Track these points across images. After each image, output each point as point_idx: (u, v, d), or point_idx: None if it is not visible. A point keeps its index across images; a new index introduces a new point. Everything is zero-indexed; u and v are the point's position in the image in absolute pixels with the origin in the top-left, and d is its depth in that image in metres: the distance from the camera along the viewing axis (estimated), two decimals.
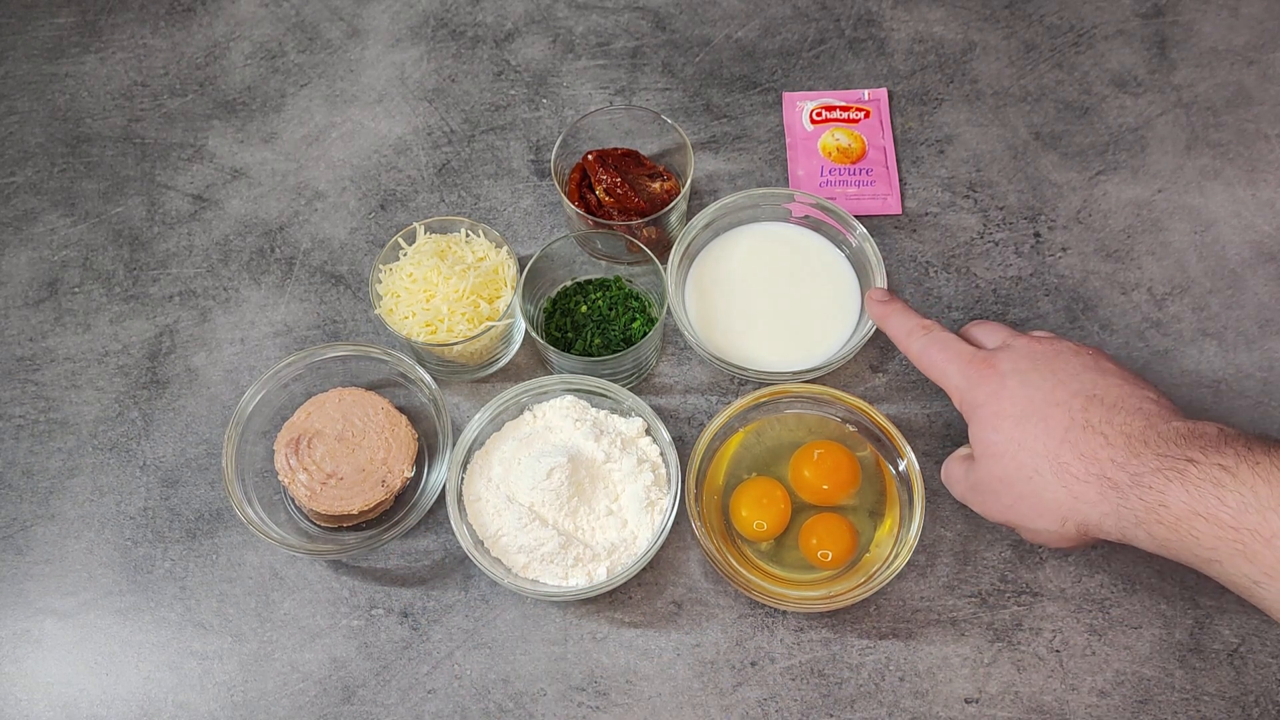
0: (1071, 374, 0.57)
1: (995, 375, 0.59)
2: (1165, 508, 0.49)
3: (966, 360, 0.61)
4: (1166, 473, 0.50)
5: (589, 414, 0.72)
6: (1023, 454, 0.56)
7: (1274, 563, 0.45)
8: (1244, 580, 0.47)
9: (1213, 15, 0.90)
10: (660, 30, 0.92)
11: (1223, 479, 0.47)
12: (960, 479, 0.63)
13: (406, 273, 0.74)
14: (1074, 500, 0.54)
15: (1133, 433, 0.53)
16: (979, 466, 0.60)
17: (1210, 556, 0.49)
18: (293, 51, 0.93)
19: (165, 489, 0.75)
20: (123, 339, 0.81)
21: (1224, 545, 0.47)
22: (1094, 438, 0.54)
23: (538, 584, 0.68)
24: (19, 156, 0.89)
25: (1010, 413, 0.57)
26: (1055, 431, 0.55)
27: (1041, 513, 0.56)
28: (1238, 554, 0.47)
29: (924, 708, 0.66)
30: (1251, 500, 0.46)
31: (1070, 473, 0.54)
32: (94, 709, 0.69)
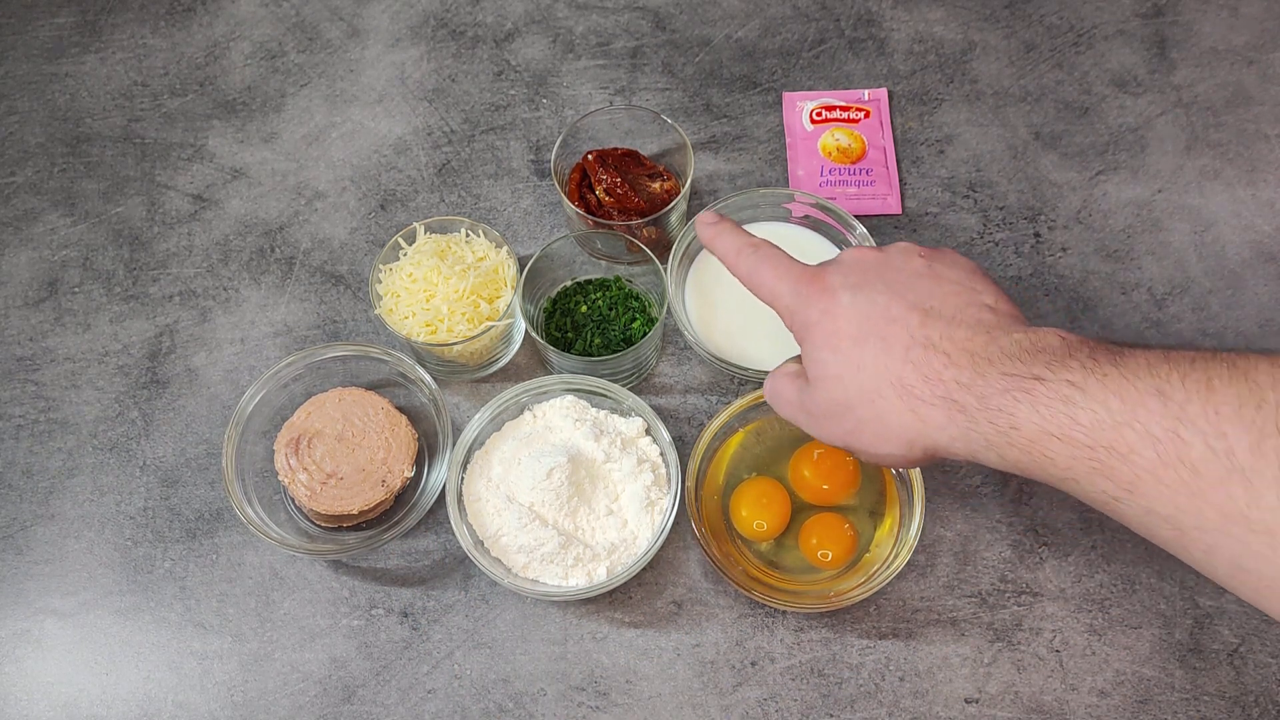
0: (906, 285, 0.54)
1: (827, 291, 0.55)
2: (1016, 430, 0.47)
3: (796, 277, 0.57)
4: (1015, 393, 0.47)
5: (589, 414, 0.72)
6: (862, 376, 0.52)
7: (1132, 478, 0.44)
8: (1103, 497, 0.46)
9: (1213, 15, 0.90)
10: (660, 30, 0.92)
11: (1073, 396, 0.45)
12: (792, 400, 0.58)
13: (406, 273, 0.74)
14: (920, 424, 0.51)
15: (975, 350, 0.50)
16: (815, 390, 0.55)
17: (1066, 475, 0.47)
18: (293, 51, 0.93)
19: (165, 489, 0.75)
20: (123, 339, 0.81)
21: (1079, 464, 0.46)
22: (936, 357, 0.50)
23: (538, 584, 0.68)
24: (19, 156, 0.89)
25: (846, 332, 0.53)
26: (895, 351, 0.52)
27: (886, 437, 0.53)
28: (1094, 472, 0.45)
29: (924, 708, 0.66)
30: (1104, 416, 0.44)
31: (915, 395, 0.51)
32: (94, 709, 0.69)
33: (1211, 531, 0.42)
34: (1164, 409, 0.42)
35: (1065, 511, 0.71)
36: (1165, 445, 0.42)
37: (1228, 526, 0.41)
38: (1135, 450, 0.43)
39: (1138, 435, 0.43)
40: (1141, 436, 0.43)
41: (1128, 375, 0.44)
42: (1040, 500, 0.72)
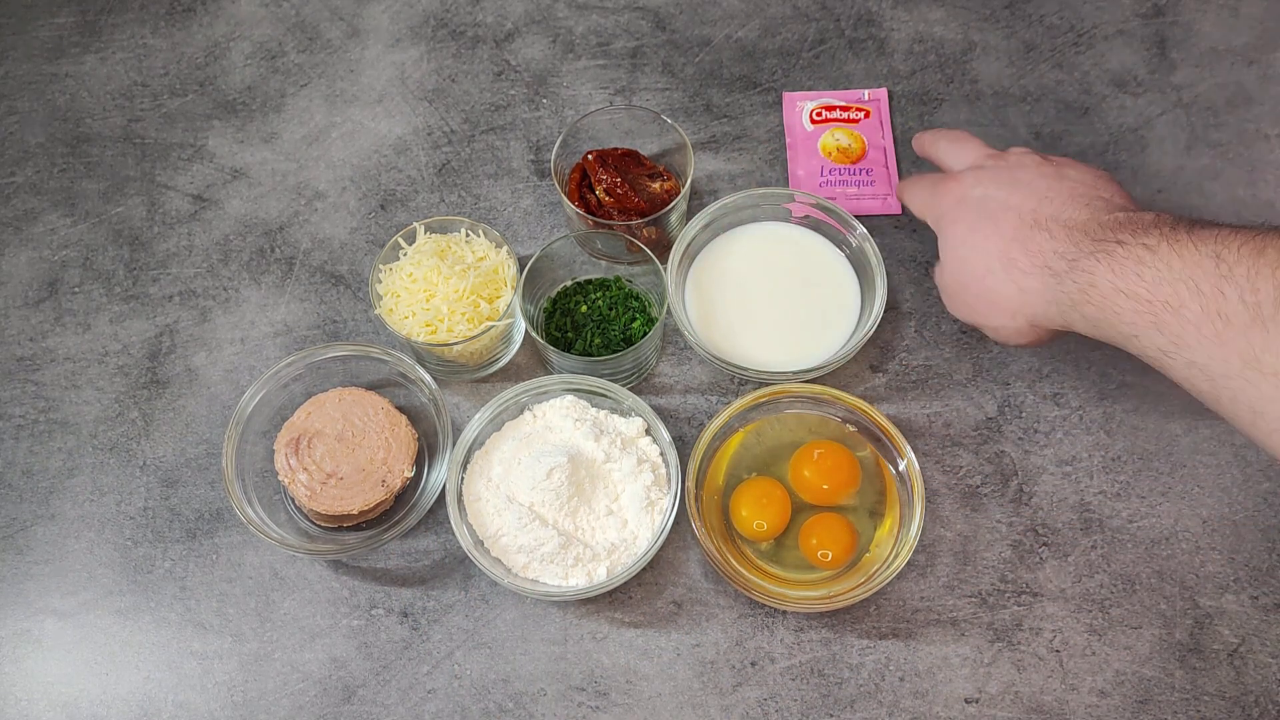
0: (1029, 181, 0.61)
1: (959, 188, 0.64)
2: (1094, 287, 0.53)
3: (936, 180, 0.66)
4: (1097, 255, 0.53)
5: (589, 414, 0.72)
6: (975, 255, 0.60)
7: (1179, 331, 0.49)
8: (1156, 352, 0.51)
9: (1213, 15, 0.90)
10: (660, 30, 0.92)
11: (1144, 256, 0.51)
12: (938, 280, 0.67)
13: (406, 273, 0.74)
14: (1021, 294, 0.58)
15: (1075, 224, 0.56)
16: (945, 269, 0.64)
17: (1130, 332, 0.52)
18: (293, 51, 0.93)
19: (165, 489, 0.75)
20: (123, 339, 0.81)
21: (1140, 319, 0.51)
22: (1040, 234, 0.57)
23: (538, 584, 0.68)
24: (19, 156, 0.89)
25: (967, 219, 0.62)
26: (1006, 231, 0.59)
27: (997, 309, 0.60)
28: (1151, 326, 0.50)
29: (924, 708, 0.66)
30: (1165, 274, 0.49)
31: (1018, 267, 0.58)
32: (94, 709, 0.69)
33: (1235, 378, 0.46)
34: (1216, 269, 0.47)
35: (1065, 511, 0.71)
36: (1209, 299, 0.47)
37: (1245, 371, 0.46)
38: (1185, 304, 0.48)
39: (1189, 291, 0.48)
40: (1192, 292, 0.48)
41: (1195, 240, 0.49)
42: (1040, 500, 0.72)
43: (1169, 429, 0.73)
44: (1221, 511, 0.71)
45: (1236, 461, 0.72)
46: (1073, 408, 0.74)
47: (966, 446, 0.74)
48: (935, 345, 0.77)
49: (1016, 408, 0.75)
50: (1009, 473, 0.73)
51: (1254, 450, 0.73)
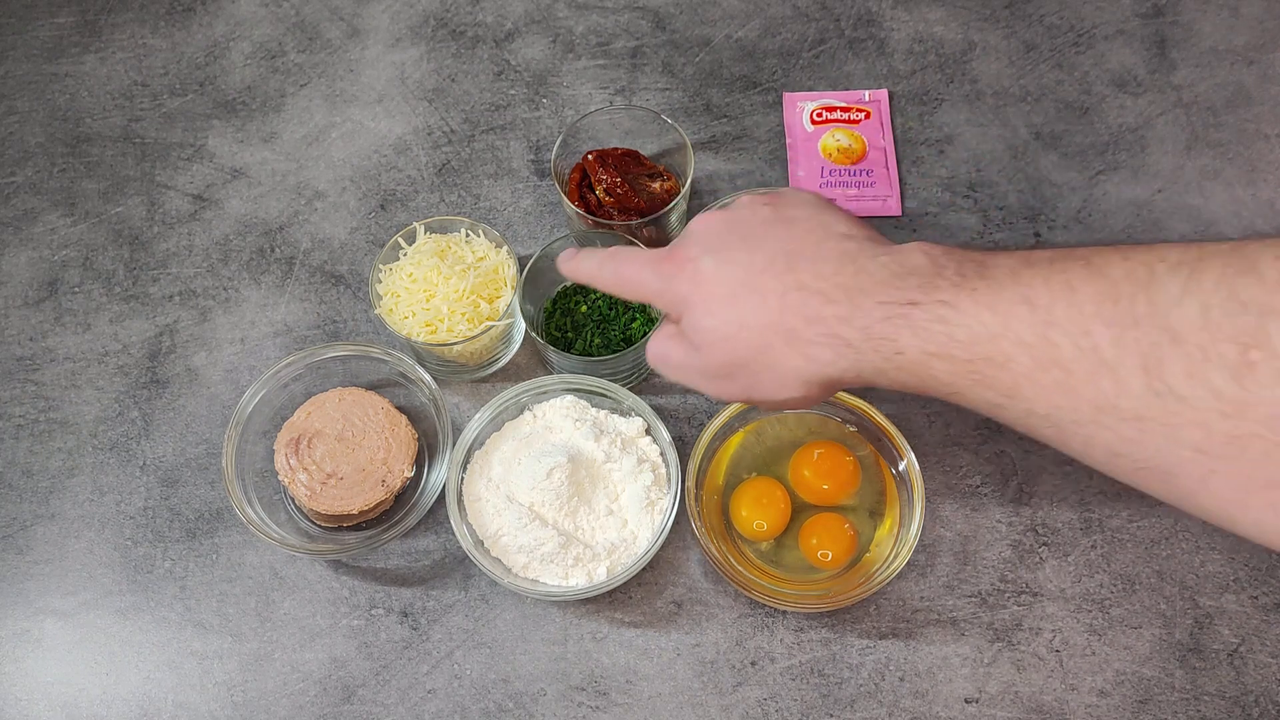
0: (760, 236, 0.55)
1: (688, 263, 0.56)
2: (901, 355, 0.49)
3: (655, 260, 0.58)
4: (894, 320, 0.49)
5: (589, 414, 0.72)
6: (746, 332, 0.53)
7: (1012, 384, 0.46)
8: (986, 405, 0.48)
9: (1213, 15, 0.90)
10: (660, 30, 0.92)
11: (947, 315, 0.47)
12: (682, 363, 0.58)
13: (406, 273, 0.74)
14: (811, 364, 0.52)
15: (846, 283, 0.51)
16: (705, 355, 0.56)
17: (951, 390, 0.49)
18: (293, 51, 0.93)
19: (165, 489, 0.75)
20: (123, 339, 0.81)
21: (961, 378, 0.47)
22: (812, 298, 0.52)
23: (538, 584, 0.68)
24: (19, 156, 0.89)
25: (720, 294, 0.54)
26: (771, 301, 0.53)
27: (784, 384, 0.54)
28: (977, 384, 0.47)
29: (924, 708, 0.66)
30: (979, 330, 0.46)
31: (801, 338, 0.52)
32: (94, 709, 0.69)
33: (1087, 424, 0.44)
34: (1033, 315, 0.44)
35: (1065, 511, 0.71)
36: (1038, 349, 0.44)
37: (1100, 418, 0.43)
38: (1011, 358, 0.45)
39: (1012, 344, 0.45)
40: (1015, 344, 0.45)
41: (995, 287, 0.46)
42: (1040, 500, 0.72)
43: None
44: None
45: None
46: None
47: (966, 446, 0.74)
48: None
49: None
50: (1009, 473, 0.73)
51: None
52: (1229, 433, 0.39)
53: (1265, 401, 0.37)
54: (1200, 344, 0.39)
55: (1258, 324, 0.38)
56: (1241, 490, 0.40)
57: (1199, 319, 0.39)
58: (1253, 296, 0.39)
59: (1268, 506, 0.39)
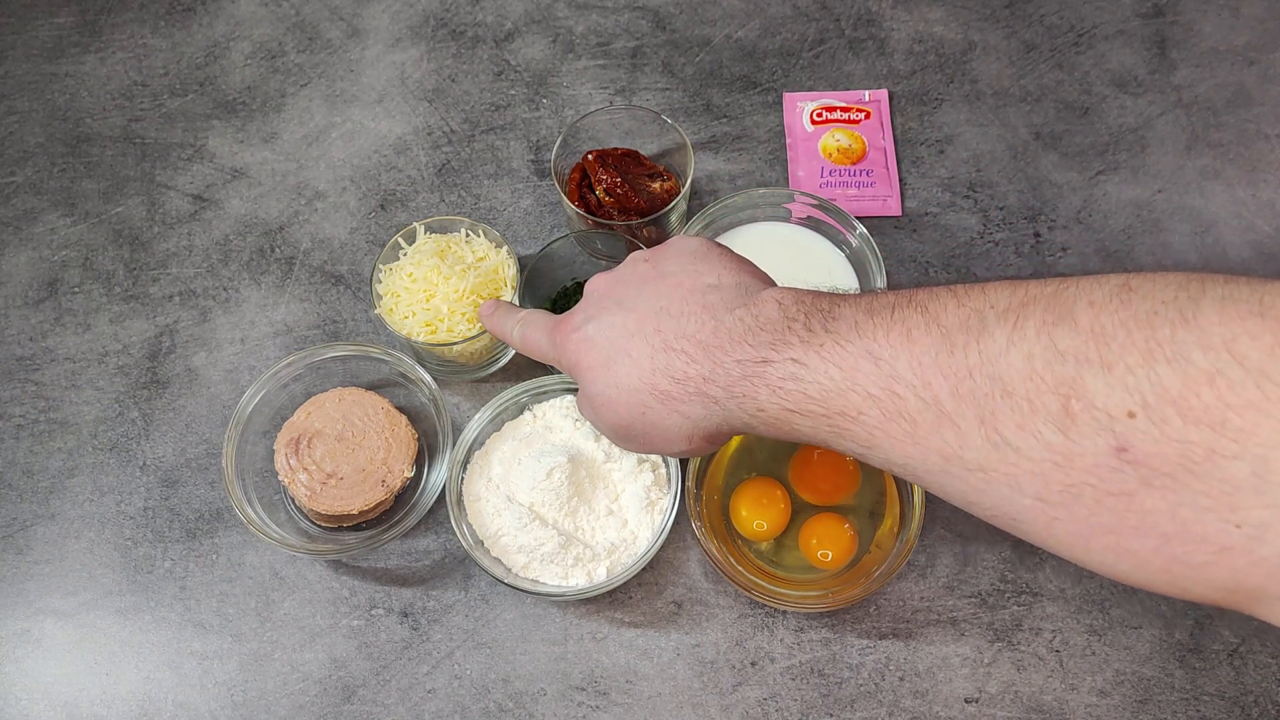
0: (636, 296, 0.56)
1: (574, 330, 0.58)
2: (762, 411, 0.50)
3: (550, 328, 0.60)
4: (750, 379, 0.50)
5: None
6: (626, 395, 0.55)
7: (867, 436, 0.47)
8: (851, 450, 0.49)
9: (1213, 15, 0.90)
10: (660, 30, 0.92)
11: (798, 373, 0.48)
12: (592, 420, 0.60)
13: (406, 272, 0.74)
14: (687, 420, 0.54)
15: (706, 340, 0.52)
16: (600, 416, 0.58)
17: (814, 439, 0.50)
18: (293, 51, 0.93)
19: (165, 489, 0.75)
20: (123, 339, 0.81)
21: (821, 431, 0.49)
22: (677, 357, 0.53)
23: (538, 584, 0.68)
24: (19, 156, 0.89)
25: (599, 361, 0.56)
26: (643, 363, 0.54)
27: (670, 440, 0.55)
28: (836, 436, 0.48)
29: (924, 708, 0.66)
30: (829, 386, 0.47)
31: (672, 397, 0.53)
32: (94, 709, 0.69)
33: (938, 473, 0.45)
34: (877, 370, 0.45)
35: None
36: (885, 403, 0.45)
37: (949, 467, 0.44)
38: (862, 411, 0.46)
39: (861, 398, 0.46)
40: (864, 398, 0.46)
41: (840, 342, 0.47)
42: None
43: None
44: None
45: None
46: None
47: None
48: None
49: None
50: None
51: None
52: (1062, 482, 0.39)
53: (1089, 452, 0.38)
54: (1027, 394, 0.40)
55: (1075, 374, 0.38)
56: (1083, 536, 0.40)
57: (1024, 368, 0.40)
58: (1069, 346, 0.39)
59: (1107, 550, 0.40)
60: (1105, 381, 0.38)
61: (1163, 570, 0.38)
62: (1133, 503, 0.37)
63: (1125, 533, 0.38)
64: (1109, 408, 0.37)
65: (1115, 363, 0.38)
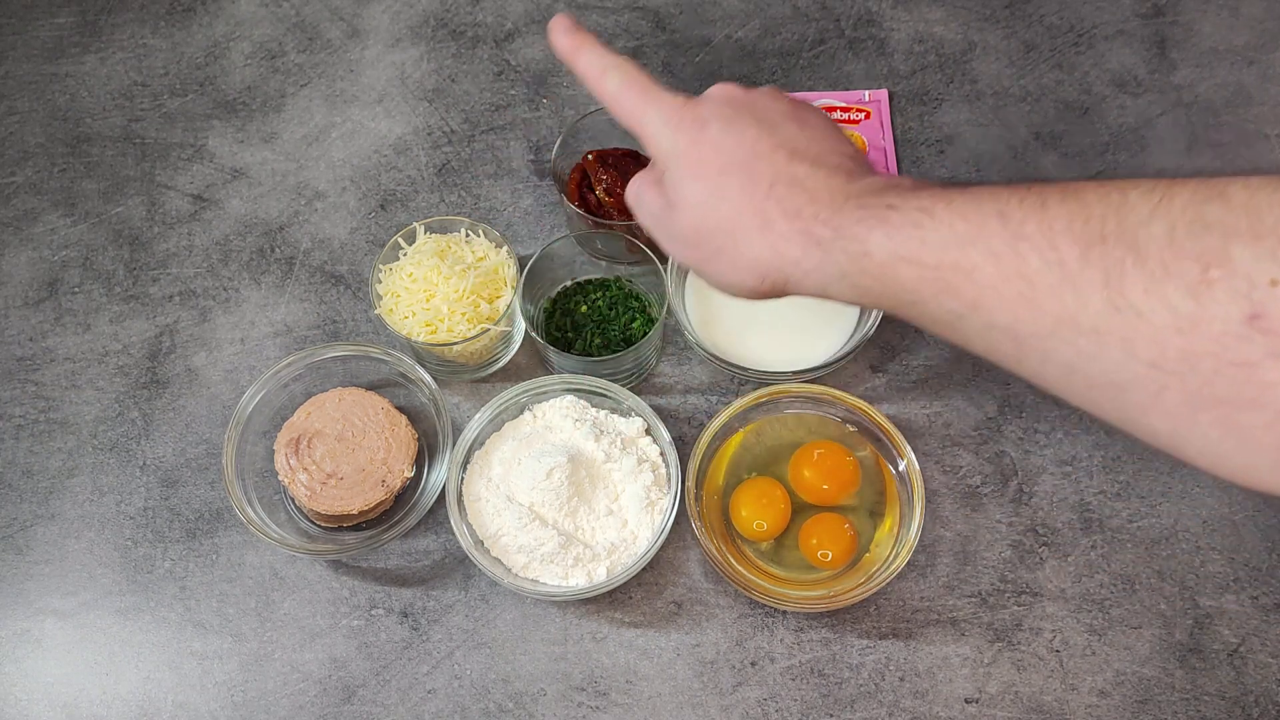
0: (774, 124, 0.55)
1: (697, 121, 0.56)
2: (868, 256, 0.49)
3: (667, 105, 0.58)
4: (869, 222, 0.49)
5: (589, 414, 0.72)
6: (725, 207, 0.54)
7: (975, 294, 0.46)
8: (947, 316, 0.48)
9: (1213, 15, 0.90)
10: (660, 30, 0.92)
11: (922, 220, 0.48)
12: (655, 213, 0.58)
13: (406, 273, 0.74)
14: (776, 257, 0.52)
15: (835, 188, 0.52)
16: (677, 215, 0.56)
17: (913, 299, 0.49)
18: (293, 51, 0.93)
19: (165, 489, 0.75)
20: (123, 339, 0.81)
21: (926, 286, 0.48)
22: (799, 194, 0.52)
23: (538, 584, 0.68)
24: (19, 156, 0.89)
25: (714, 163, 0.54)
26: (760, 186, 0.53)
27: (740, 267, 0.54)
28: (940, 292, 0.47)
29: (924, 708, 0.66)
30: (949, 237, 0.47)
31: (774, 230, 0.52)
32: (94, 709, 0.69)
33: (1046, 338, 0.45)
34: (1004, 228, 0.45)
35: (1065, 511, 0.71)
36: (1005, 260, 0.45)
37: (1059, 330, 0.44)
38: (978, 267, 0.46)
39: (980, 253, 0.46)
40: (984, 254, 0.46)
41: (972, 200, 0.47)
42: (1040, 500, 0.72)
43: None
44: (1221, 511, 0.71)
45: None
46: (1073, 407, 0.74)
47: (966, 446, 0.74)
48: (935, 345, 0.77)
49: (1016, 408, 0.75)
50: (1009, 473, 0.73)
51: None
52: (1182, 348, 0.39)
53: (1218, 319, 0.38)
54: (1162, 261, 0.40)
55: (1221, 244, 0.39)
56: (1190, 406, 0.40)
57: (1164, 238, 0.40)
58: (1218, 218, 0.39)
59: (1214, 424, 0.40)
60: (1253, 252, 0.38)
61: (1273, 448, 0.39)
62: (1254, 374, 0.38)
63: (1240, 405, 0.39)
64: (1251, 275, 0.37)
65: (1266, 235, 0.38)
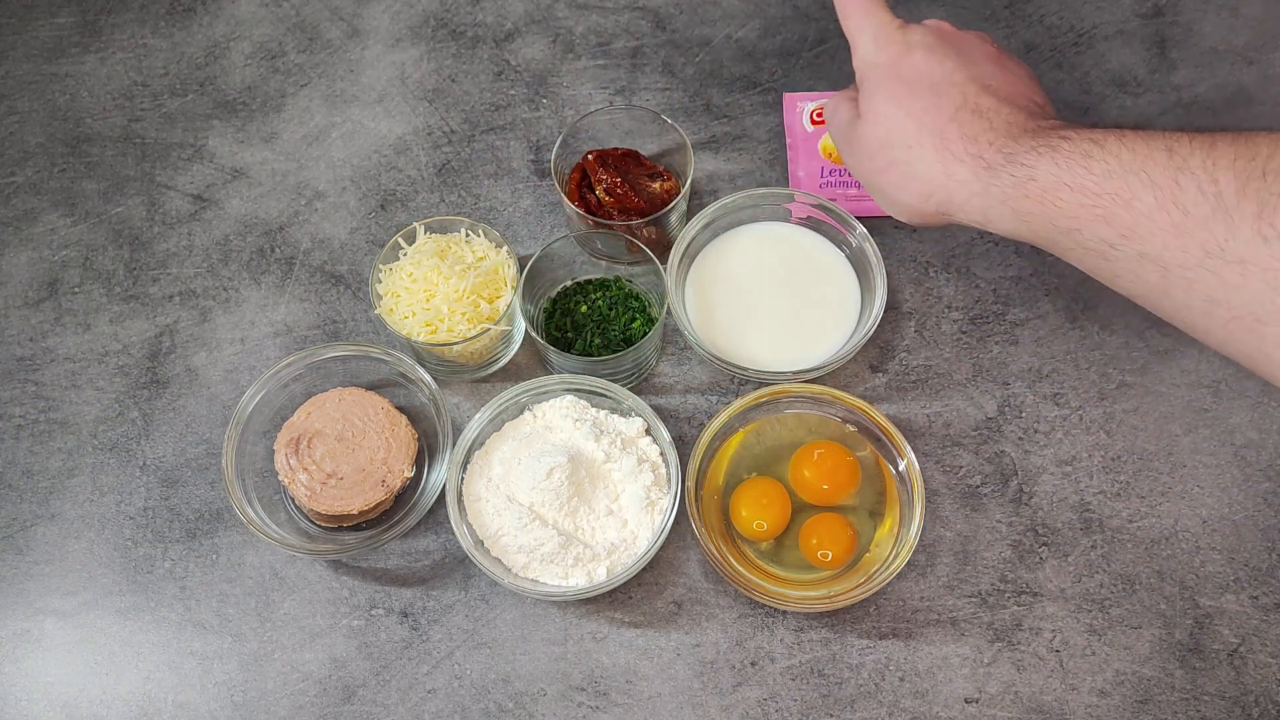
0: (973, 60, 0.59)
1: (903, 42, 0.60)
2: (1034, 181, 0.52)
3: (883, 23, 0.62)
4: (1040, 149, 0.52)
5: (589, 414, 0.72)
6: (909, 122, 0.58)
7: (1131, 223, 0.48)
8: (1098, 244, 0.50)
9: (1213, 15, 0.90)
10: (660, 30, 0.92)
11: (1091, 150, 0.50)
12: (843, 124, 0.63)
13: (406, 272, 0.74)
14: (945, 178, 0.56)
15: (1015, 122, 0.55)
16: (863, 124, 0.61)
17: (1070, 225, 0.51)
18: (293, 51, 0.93)
19: (165, 489, 0.75)
20: (123, 339, 0.81)
21: (1085, 212, 0.50)
22: (980, 121, 0.56)
23: (538, 584, 0.68)
24: (19, 156, 0.89)
25: (908, 80, 0.59)
26: (946, 109, 0.57)
27: (909, 184, 0.58)
28: (1098, 219, 0.50)
29: (924, 708, 0.66)
30: (1115, 167, 0.49)
31: (949, 150, 0.56)
32: (94, 709, 0.69)
33: (1193, 268, 0.46)
34: (1169, 160, 0.47)
35: (1065, 511, 0.71)
36: (1164, 190, 0.47)
37: (1206, 260, 0.46)
38: (1137, 195, 0.48)
39: (1142, 182, 0.48)
40: (1145, 184, 0.48)
41: (1143, 135, 0.49)
42: (1040, 500, 0.72)
43: (1169, 429, 0.73)
44: (1221, 511, 0.71)
45: (1236, 461, 0.72)
46: (1073, 408, 0.74)
47: (966, 446, 0.74)
48: (935, 345, 0.77)
49: (1016, 408, 0.75)
50: (1009, 473, 0.73)
51: (1254, 450, 0.73)
52: None
53: None
54: None
55: None
56: None
57: None
58: None
59: None
60: None
61: None
62: None
63: None
64: None
65: None
